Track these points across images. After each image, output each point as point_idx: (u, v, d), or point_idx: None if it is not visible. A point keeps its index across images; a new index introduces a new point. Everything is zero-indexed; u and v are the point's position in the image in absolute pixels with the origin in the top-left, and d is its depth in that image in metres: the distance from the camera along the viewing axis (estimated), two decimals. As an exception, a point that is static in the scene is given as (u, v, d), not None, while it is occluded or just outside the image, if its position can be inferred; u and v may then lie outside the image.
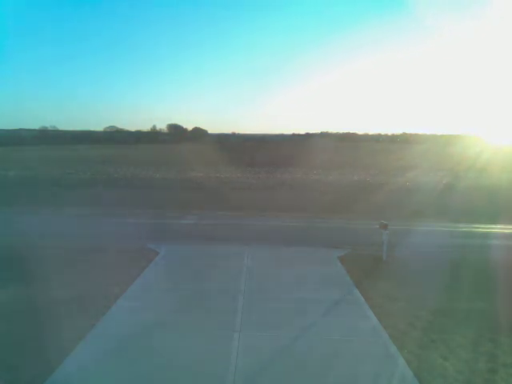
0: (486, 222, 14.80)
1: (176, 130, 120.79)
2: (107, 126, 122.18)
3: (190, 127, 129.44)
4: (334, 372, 5.18)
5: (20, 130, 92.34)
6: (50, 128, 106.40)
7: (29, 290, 7.57)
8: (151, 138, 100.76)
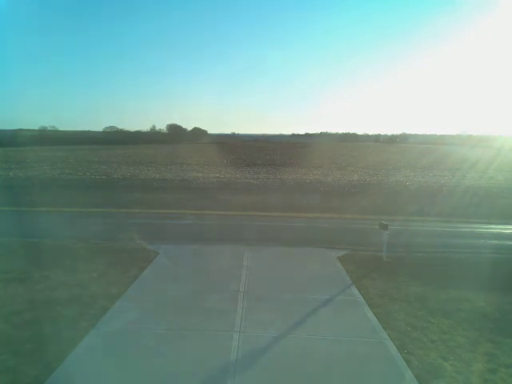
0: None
1: (176, 130, 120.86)
2: (107, 126, 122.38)
3: (189, 127, 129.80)
4: (334, 372, 5.18)
5: (20, 130, 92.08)
6: (49, 128, 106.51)
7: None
8: (151, 138, 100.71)
